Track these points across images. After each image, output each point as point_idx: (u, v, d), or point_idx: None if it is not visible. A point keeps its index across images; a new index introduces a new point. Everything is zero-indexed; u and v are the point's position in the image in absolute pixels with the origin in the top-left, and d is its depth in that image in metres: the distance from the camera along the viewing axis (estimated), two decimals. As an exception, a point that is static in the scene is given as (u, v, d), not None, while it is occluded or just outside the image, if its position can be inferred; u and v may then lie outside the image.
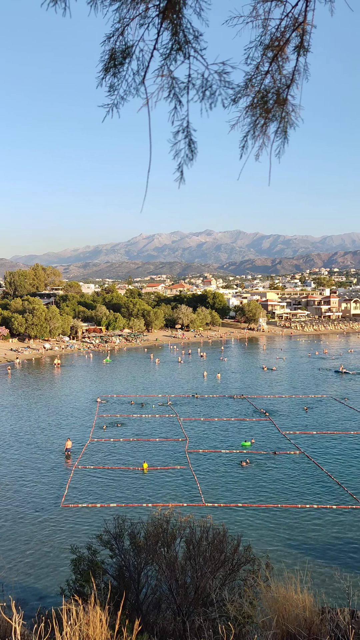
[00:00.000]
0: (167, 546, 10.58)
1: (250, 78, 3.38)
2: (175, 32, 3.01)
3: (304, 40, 3.24)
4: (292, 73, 3.33)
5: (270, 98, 3.35)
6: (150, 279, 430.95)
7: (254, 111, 3.38)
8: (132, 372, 75.64)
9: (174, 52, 3.05)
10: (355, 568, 20.30)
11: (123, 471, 32.52)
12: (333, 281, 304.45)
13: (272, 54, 3.31)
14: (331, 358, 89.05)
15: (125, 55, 3.18)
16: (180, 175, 3.28)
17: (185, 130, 3.22)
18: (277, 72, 3.35)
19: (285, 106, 3.36)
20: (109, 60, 3.22)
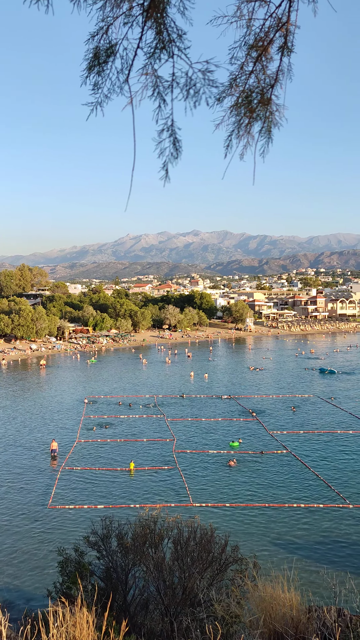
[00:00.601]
0: (155, 547, 10.56)
1: (234, 78, 3.39)
2: (159, 31, 3.00)
3: (287, 40, 3.25)
4: (276, 73, 3.34)
5: (254, 98, 3.36)
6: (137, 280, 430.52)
7: (238, 110, 3.38)
8: (120, 372, 75.49)
9: (158, 51, 3.05)
10: (342, 567, 20.43)
11: (111, 472, 32.43)
12: (319, 281, 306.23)
13: (256, 54, 3.32)
14: (321, 358, 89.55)
15: (109, 54, 3.17)
16: (165, 173, 3.27)
17: (170, 128, 3.21)
18: (261, 72, 3.36)
19: (269, 106, 3.37)
20: (93, 58, 3.21)
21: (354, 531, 24.11)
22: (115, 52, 3.18)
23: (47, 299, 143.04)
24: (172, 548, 10.33)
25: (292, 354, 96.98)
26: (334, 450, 36.54)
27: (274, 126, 3.39)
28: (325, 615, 6.91)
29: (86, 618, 5.75)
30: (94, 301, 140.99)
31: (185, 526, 10.86)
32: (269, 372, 75.06)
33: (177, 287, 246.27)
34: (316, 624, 6.49)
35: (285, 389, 60.85)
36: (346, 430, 41.64)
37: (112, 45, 3.18)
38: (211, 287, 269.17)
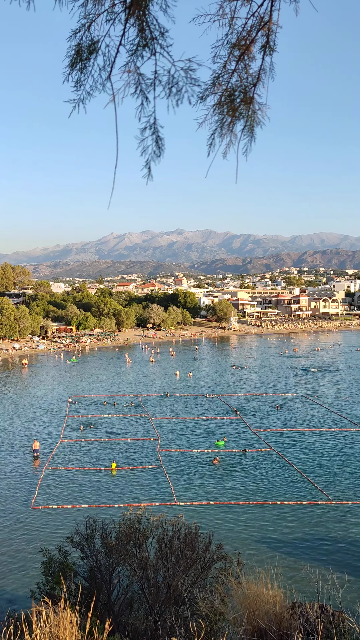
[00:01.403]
0: (139, 546, 10.55)
1: (217, 76, 3.39)
2: (142, 29, 3.00)
3: (269, 39, 3.27)
4: (258, 72, 3.35)
5: (237, 96, 3.37)
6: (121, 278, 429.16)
7: (221, 109, 3.39)
8: (104, 372, 75.24)
9: (141, 49, 3.04)
10: (325, 563, 20.61)
11: (94, 472, 32.31)
12: (302, 280, 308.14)
13: (239, 52, 3.33)
14: (307, 357, 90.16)
15: (92, 51, 3.16)
16: (148, 172, 3.27)
17: (153, 126, 3.21)
18: (243, 70, 3.37)
19: (251, 105, 3.38)
20: (75, 55, 3.20)
21: (336, 527, 24.34)
22: (98, 49, 3.17)
23: (30, 298, 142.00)
24: (157, 547, 10.34)
25: (276, 352, 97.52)
26: (317, 448, 36.84)
27: (257, 125, 3.41)
28: (308, 611, 6.97)
29: (70, 618, 5.73)
30: (77, 300, 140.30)
31: (169, 525, 10.87)
32: (253, 370, 75.39)
33: (161, 286, 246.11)
34: (299, 620, 6.53)
35: (269, 388, 61.17)
36: (329, 428, 42.00)
37: (94, 42, 3.16)
38: (195, 286, 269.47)
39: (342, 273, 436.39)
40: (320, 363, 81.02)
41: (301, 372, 73.06)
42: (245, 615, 6.47)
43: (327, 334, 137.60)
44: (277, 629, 6.21)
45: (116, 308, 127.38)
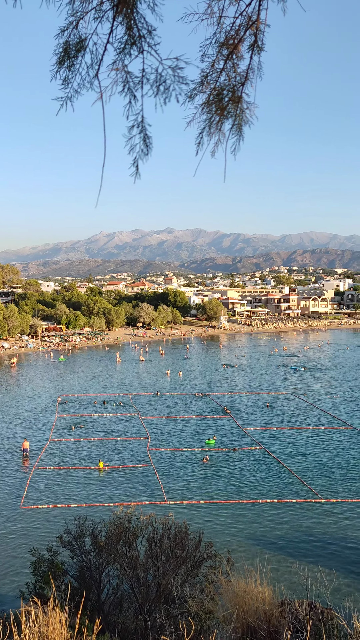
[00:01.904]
0: (129, 545, 10.54)
1: (205, 75, 3.39)
2: (129, 27, 2.99)
3: (257, 39, 3.27)
4: (246, 71, 3.36)
5: (225, 95, 3.37)
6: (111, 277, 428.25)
7: (209, 108, 3.39)
8: (93, 371, 75.05)
9: (128, 47, 3.03)
10: (314, 560, 20.72)
11: (84, 471, 32.24)
12: (292, 279, 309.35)
13: (227, 51, 3.33)
14: (298, 355, 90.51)
15: (79, 49, 3.15)
16: (136, 170, 3.26)
17: (140, 125, 3.21)
18: (232, 70, 3.37)
19: (240, 104, 3.38)
20: (63, 53, 3.18)
21: (326, 525, 24.47)
22: (85, 46, 3.15)
23: (19, 297, 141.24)
24: (147, 546, 10.35)
25: (266, 351, 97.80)
26: (306, 447, 37.02)
27: (245, 124, 3.42)
28: (297, 608, 7.00)
29: (59, 617, 5.72)
30: (67, 299, 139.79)
31: (159, 524, 10.88)
32: (243, 369, 75.56)
33: (151, 285, 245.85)
34: (288, 617, 6.56)
35: (259, 386, 61.35)
36: (318, 427, 42.21)
37: (82, 40, 3.15)
38: (185, 285, 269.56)
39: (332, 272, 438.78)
40: (310, 362, 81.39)
41: (290, 370, 73.34)
42: (235, 613, 6.49)
43: (316, 332, 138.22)
44: (266, 627, 6.23)
45: (106, 307, 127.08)
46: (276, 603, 6.83)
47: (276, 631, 6.26)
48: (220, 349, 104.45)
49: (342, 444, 37.59)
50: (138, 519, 11.18)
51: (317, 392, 56.99)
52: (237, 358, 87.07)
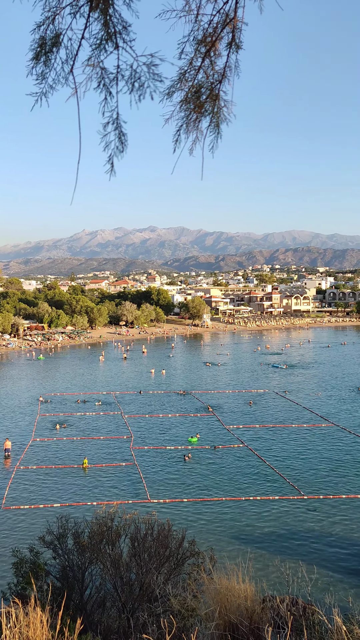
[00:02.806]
0: (112, 544, 10.52)
1: (184, 72, 3.38)
2: (105, 22, 2.97)
3: (235, 36, 3.27)
4: (223, 69, 3.35)
5: (203, 93, 3.37)
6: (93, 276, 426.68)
7: (187, 106, 3.38)
8: (76, 369, 74.66)
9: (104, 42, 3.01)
10: (296, 557, 20.89)
11: (67, 470, 32.07)
12: (275, 278, 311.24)
13: (205, 49, 3.33)
14: (280, 354, 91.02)
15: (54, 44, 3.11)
16: (111, 167, 3.25)
17: (115, 121, 3.19)
18: (209, 67, 3.37)
19: (217, 101, 3.38)
20: (38, 48, 3.15)
21: (307, 522, 24.69)
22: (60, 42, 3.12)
23: (1, 295, 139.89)
24: (130, 545, 10.33)
25: (248, 349, 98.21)
26: (289, 444, 37.28)
27: (223, 122, 3.42)
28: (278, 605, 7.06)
29: (40, 618, 5.68)
30: (49, 298, 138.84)
31: (142, 522, 10.87)
32: (226, 367, 75.79)
33: (134, 284, 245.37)
34: (270, 613, 6.61)
35: (242, 384, 61.59)
36: (300, 424, 42.53)
37: (57, 35, 3.12)
38: (168, 284, 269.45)
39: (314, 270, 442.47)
40: (292, 359, 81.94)
41: (273, 368, 73.76)
42: (217, 611, 6.51)
43: (298, 330, 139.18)
44: (248, 623, 6.27)
45: (88, 305, 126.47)
46: (258, 600, 6.87)
47: (258, 627, 6.29)
48: (203, 347, 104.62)
49: (324, 441, 37.93)
50: (121, 517, 11.16)
51: (299, 390, 57.41)
52: (220, 356, 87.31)
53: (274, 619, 6.61)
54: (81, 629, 5.85)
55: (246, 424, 42.61)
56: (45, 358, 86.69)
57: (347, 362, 78.82)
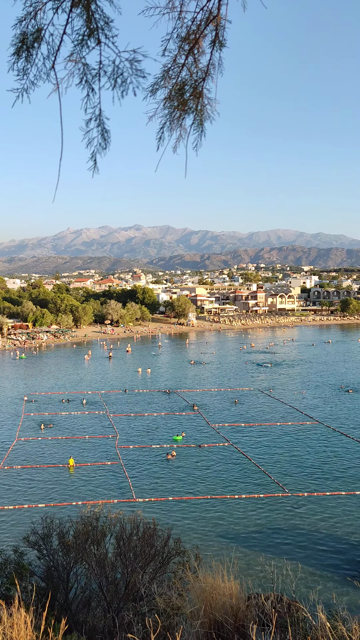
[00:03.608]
0: (97, 544, 10.48)
1: (167, 70, 3.37)
2: (87, 18, 2.94)
3: (218, 34, 3.26)
4: (207, 66, 3.34)
5: (186, 90, 3.35)
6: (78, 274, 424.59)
7: (171, 103, 3.37)
8: (61, 369, 74.26)
9: (86, 38, 2.98)
10: (281, 554, 21.01)
11: (52, 470, 31.90)
12: (260, 276, 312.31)
13: (189, 46, 3.31)
14: (265, 352, 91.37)
15: (36, 39, 3.08)
16: (94, 164, 3.22)
17: (98, 118, 3.16)
18: (193, 65, 3.36)
19: (201, 99, 3.37)
20: (19, 44, 3.11)
21: (292, 519, 24.83)
22: (42, 37, 3.09)
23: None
24: (115, 544, 10.31)
25: (234, 348, 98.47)
26: (273, 442, 37.46)
27: (206, 120, 3.41)
28: (263, 602, 7.07)
29: (24, 618, 5.64)
30: (33, 296, 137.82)
31: (127, 521, 10.85)
32: (211, 366, 75.92)
33: (119, 282, 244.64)
34: (255, 611, 6.63)
35: (227, 383, 61.75)
36: (285, 422, 42.76)
37: (38, 30, 3.08)
38: (153, 282, 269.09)
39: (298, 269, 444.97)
40: (276, 358, 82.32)
41: (258, 367, 74.05)
42: (202, 609, 6.51)
43: (283, 329, 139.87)
44: (233, 621, 6.28)
45: (73, 304, 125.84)
46: (243, 597, 6.89)
47: (243, 625, 6.31)
48: (189, 346, 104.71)
49: (308, 438, 38.18)
50: (106, 517, 11.13)
51: (284, 388, 57.72)
52: (206, 355, 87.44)
53: (258, 617, 6.63)
54: (66, 629, 5.82)
55: (231, 423, 42.72)
56: (28, 357, 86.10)
57: (332, 361, 79.43)
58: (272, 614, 6.15)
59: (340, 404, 49.44)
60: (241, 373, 68.94)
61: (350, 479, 29.80)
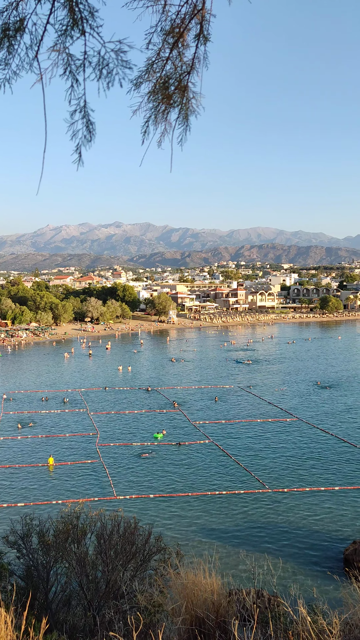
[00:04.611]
0: (78, 542, 10.42)
1: (151, 63, 3.34)
2: (71, 7, 2.89)
3: (203, 28, 3.24)
4: (192, 60, 3.32)
5: (171, 84, 3.33)
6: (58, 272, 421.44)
7: (155, 97, 3.34)
8: (41, 367, 73.66)
9: (70, 28, 2.94)
10: (261, 549, 21.15)
11: (31, 469, 31.64)
12: (240, 274, 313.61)
13: (173, 40, 3.29)
14: (245, 349, 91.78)
15: (18, 29, 3.02)
16: (79, 157, 3.17)
17: (83, 109, 3.12)
18: (177, 58, 3.33)
19: (186, 93, 3.35)
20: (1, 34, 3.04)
21: (272, 514, 25.02)
22: (24, 27, 3.03)
23: None
24: (96, 542, 10.27)
25: (214, 345, 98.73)
26: (253, 438, 37.68)
27: (191, 114, 3.39)
28: (244, 597, 7.11)
29: (4, 618, 5.58)
30: (12, 294, 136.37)
31: (108, 519, 10.81)
32: (192, 363, 76.04)
33: (99, 280, 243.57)
34: (236, 606, 6.65)
35: (208, 380, 61.91)
36: (265, 419, 43.04)
37: (21, 20, 3.03)
38: (134, 280, 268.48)
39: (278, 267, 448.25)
40: (256, 355, 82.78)
41: (238, 364, 74.39)
42: (184, 605, 6.51)
43: (263, 326, 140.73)
44: (214, 617, 6.29)
45: (53, 302, 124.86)
46: (224, 593, 6.90)
47: (224, 621, 6.33)
48: (170, 343, 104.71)
49: (288, 434, 38.49)
50: (87, 515, 11.07)
51: (263, 385, 58.08)
52: (186, 352, 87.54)
53: (240, 612, 6.65)
54: (46, 628, 5.77)
55: (212, 420, 42.86)
56: (3, 355, 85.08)
57: (311, 358, 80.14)
58: (254, 609, 6.18)
59: (318, 401, 49.94)
60: (222, 370, 69.19)
61: (329, 475, 30.13)
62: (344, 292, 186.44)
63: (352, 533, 22.93)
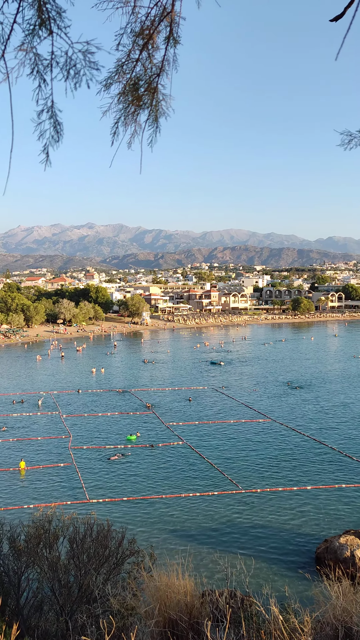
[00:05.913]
0: (50, 547, 10.32)
1: (121, 64, 3.33)
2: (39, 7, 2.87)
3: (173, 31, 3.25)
4: (161, 62, 3.33)
5: (141, 86, 3.33)
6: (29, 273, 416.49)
7: (125, 98, 3.34)
8: (12, 369, 72.68)
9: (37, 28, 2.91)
10: (235, 550, 21.25)
11: (2, 474, 31.17)
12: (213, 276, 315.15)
13: (143, 42, 3.28)
14: (218, 351, 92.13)
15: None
16: (46, 157, 3.15)
17: (50, 109, 3.10)
18: (147, 60, 3.33)
19: (156, 95, 3.35)
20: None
21: (245, 515, 25.16)
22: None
23: None
24: (68, 546, 10.19)
25: (187, 346, 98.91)
26: (227, 439, 37.85)
27: (161, 116, 3.39)
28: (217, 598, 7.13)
29: (-26, 627, 5.49)
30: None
31: (81, 523, 10.74)
32: (165, 365, 76.02)
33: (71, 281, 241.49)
34: (209, 607, 6.67)
35: (181, 382, 61.97)
36: (238, 420, 43.29)
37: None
38: (107, 281, 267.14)
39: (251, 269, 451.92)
40: (230, 356, 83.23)
41: (211, 365, 74.66)
42: (157, 608, 6.50)
43: (236, 328, 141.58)
44: (187, 619, 6.30)
45: (24, 303, 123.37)
46: (197, 594, 6.92)
47: (197, 622, 6.34)
48: (143, 345, 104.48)
49: (260, 435, 38.78)
50: (59, 519, 10.97)
51: (236, 386, 58.41)
52: (160, 354, 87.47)
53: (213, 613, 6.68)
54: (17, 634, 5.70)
55: (186, 421, 42.91)
56: None
57: (282, 358, 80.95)
58: (226, 610, 6.21)
59: (289, 401, 50.46)
60: (195, 371, 69.33)
61: (301, 475, 30.45)
62: (316, 293, 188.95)
63: (324, 531, 23.22)
